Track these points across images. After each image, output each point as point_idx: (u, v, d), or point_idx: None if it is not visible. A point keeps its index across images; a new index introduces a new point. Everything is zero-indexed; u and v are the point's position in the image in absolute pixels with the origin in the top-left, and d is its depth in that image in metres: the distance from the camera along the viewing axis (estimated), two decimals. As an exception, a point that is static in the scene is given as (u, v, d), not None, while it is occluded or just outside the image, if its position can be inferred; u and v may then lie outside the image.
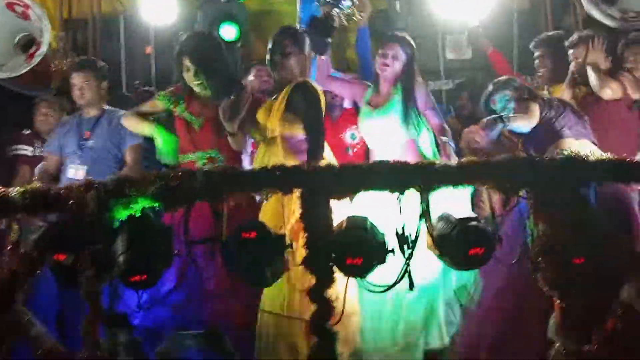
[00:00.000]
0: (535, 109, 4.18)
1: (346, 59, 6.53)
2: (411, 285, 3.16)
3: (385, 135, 4.58)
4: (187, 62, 4.35)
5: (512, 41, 6.43)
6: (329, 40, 4.50)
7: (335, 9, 4.59)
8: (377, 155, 4.54)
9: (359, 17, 4.71)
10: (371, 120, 4.64)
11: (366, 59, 5.12)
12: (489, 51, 5.86)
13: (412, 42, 4.65)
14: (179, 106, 4.42)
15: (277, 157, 4.09)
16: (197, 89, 4.42)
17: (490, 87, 4.84)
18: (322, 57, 4.63)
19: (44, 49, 5.37)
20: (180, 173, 3.20)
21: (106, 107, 5.04)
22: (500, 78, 5.01)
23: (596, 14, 5.57)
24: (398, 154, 4.20)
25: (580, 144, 4.02)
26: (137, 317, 3.72)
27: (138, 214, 3.15)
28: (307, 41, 4.37)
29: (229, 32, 6.39)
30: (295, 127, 4.17)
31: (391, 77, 4.59)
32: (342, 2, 4.61)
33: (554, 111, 4.21)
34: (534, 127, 4.19)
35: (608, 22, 5.53)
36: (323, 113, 4.28)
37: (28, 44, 5.47)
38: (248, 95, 4.38)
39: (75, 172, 4.79)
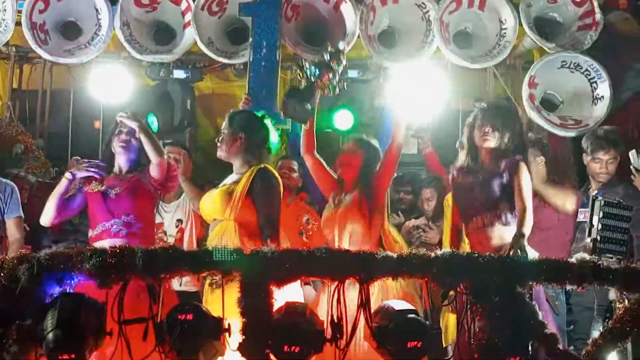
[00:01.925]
0: None
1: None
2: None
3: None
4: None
5: (455, 140, 6.62)
6: (309, 107, 4.39)
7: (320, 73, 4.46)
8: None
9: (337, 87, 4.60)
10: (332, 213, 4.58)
11: None
12: (427, 151, 6.06)
13: (373, 142, 4.67)
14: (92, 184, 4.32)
15: (231, 238, 4.05)
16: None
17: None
18: (306, 128, 4.55)
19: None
20: (117, 250, 3.14)
21: None
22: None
23: (538, 120, 5.82)
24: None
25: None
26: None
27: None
28: (239, 121, 4.35)
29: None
30: (253, 213, 4.14)
31: (351, 178, 4.55)
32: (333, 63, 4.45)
33: None
34: None
35: (549, 127, 5.78)
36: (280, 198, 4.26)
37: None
38: None
39: None
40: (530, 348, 3.27)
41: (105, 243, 3.91)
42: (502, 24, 6.11)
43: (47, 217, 4.31)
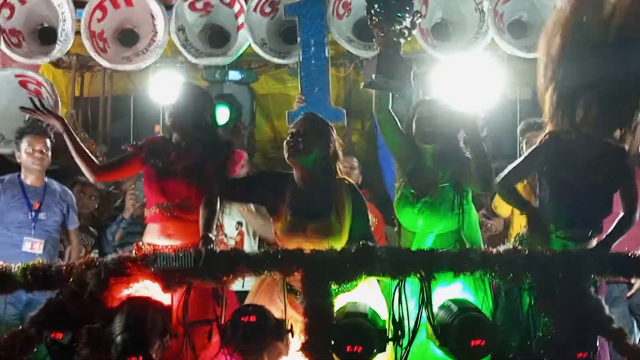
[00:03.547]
0: None
1: (351, 144, 6.61)
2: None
3: None
4: None
5: (513, 130, 6.53)
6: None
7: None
8: None
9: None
10: None
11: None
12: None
13: None
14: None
15: None
16: None
17: None
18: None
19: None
20: (180, 253, 3.20)
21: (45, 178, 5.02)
22: None
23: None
24: None
25: None
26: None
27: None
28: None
29: (221, 114, 6.45)
30: None
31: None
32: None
33: None
34: None
35: None
36: None
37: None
38: None
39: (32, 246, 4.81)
40: (597, 343, 3.21)
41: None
42: (558, 11, 5.98)
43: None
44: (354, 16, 6.23)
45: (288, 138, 3.73)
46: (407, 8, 3.59)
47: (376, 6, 3.59)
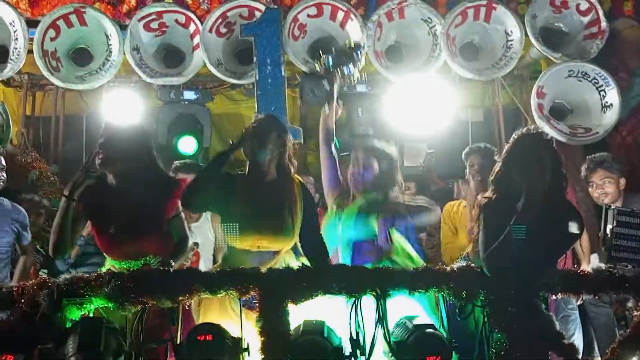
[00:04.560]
0: None
1: (306, 165, 6.67)
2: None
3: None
4: None
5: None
6: (327, 87, 4.23)
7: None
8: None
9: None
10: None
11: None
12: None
13: (389, 152, 4.42)
14: None
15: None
16: None
17: None
18: (325, 113, 4.37)
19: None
20: (136, 274, 3.18)
21: None
22: None
23: (547, 129, 5.83)
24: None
25: None
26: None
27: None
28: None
29: (188, 144, 6.47)
30: None
31: (361, 185, 4.36)
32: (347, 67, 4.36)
33: None
34: None
35: (558, 137, 5.78)
36: None
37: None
38: None
39: None
40: (548, 358, 3.29)
41: None
42: (508, 36, 6.15)
43: None
44: (309, 38, 6.29)
45: (243, 132, 3.83)
46: (357, 61, 4.19)
47: (330, 60, 4.14)
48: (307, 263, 3.59)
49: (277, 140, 3.83)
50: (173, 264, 3.53)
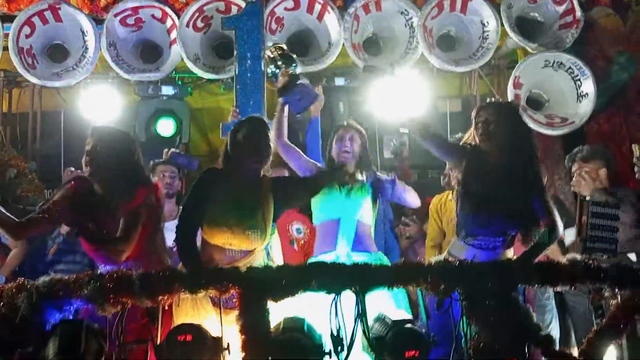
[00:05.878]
0: None
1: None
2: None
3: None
4: None
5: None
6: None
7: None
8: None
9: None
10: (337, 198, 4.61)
11: (316, 146, 5.17)
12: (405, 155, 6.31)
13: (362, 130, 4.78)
14: None
15: None
16: None
17: None
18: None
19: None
20: (115, 275, 3.18)
21: None
22: None
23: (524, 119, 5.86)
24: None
25: None
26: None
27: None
28: None
29: (166, 127, 6.56)
30: None
31: (351, 159, 4.63)
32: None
33: None
34: None
35: (535, 126, 5.82)
36: None
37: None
38: None
39: None
40: (527, 350, 3.32)
41: None
42: (484, 26, 6.18)
43: None
44: (286, 32, 6.28)
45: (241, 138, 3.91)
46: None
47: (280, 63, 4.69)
48: None
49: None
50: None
